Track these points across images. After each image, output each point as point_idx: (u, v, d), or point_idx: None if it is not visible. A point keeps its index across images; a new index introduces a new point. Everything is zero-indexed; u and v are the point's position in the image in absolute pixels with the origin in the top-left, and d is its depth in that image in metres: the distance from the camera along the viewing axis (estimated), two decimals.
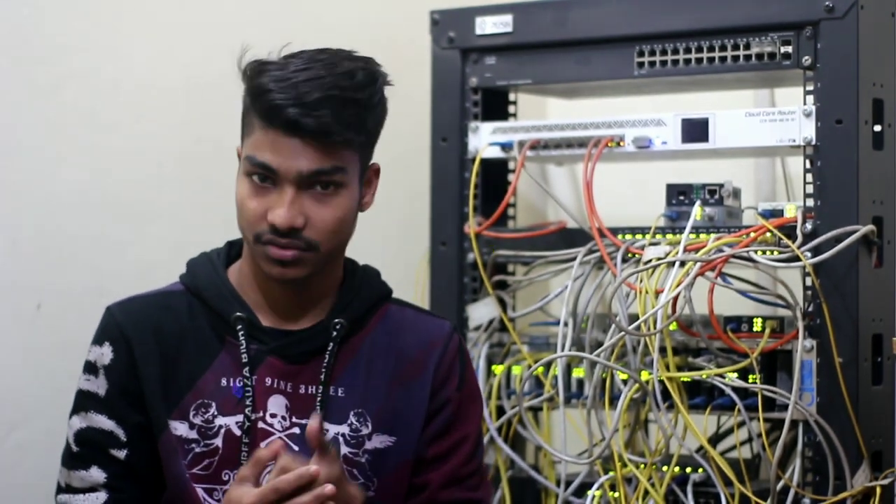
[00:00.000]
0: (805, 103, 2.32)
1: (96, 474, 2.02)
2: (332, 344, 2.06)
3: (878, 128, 2.31)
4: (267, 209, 1.98)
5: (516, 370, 2.56)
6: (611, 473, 2.38)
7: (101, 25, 2.55)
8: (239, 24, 2.74)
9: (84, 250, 2.51)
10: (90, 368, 2.06)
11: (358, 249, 2.15)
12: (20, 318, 2.43)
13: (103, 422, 2.03)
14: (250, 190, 2.00)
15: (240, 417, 2.02)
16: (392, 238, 2.97)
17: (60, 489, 2.05)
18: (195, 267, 2.11)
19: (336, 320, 2.06)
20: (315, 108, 1.95)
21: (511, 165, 2.68)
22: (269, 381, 2.04)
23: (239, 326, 2.04)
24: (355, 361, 2.08)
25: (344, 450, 2.04)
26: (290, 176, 1.97)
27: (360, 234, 2.11)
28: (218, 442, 2.02)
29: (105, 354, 2.05)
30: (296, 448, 2.02)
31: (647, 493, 2.33)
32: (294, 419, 2.04)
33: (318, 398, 2.04)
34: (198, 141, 2.68)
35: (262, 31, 2.30)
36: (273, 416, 2.04)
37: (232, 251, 2.14)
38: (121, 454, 2.03)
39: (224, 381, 2.04)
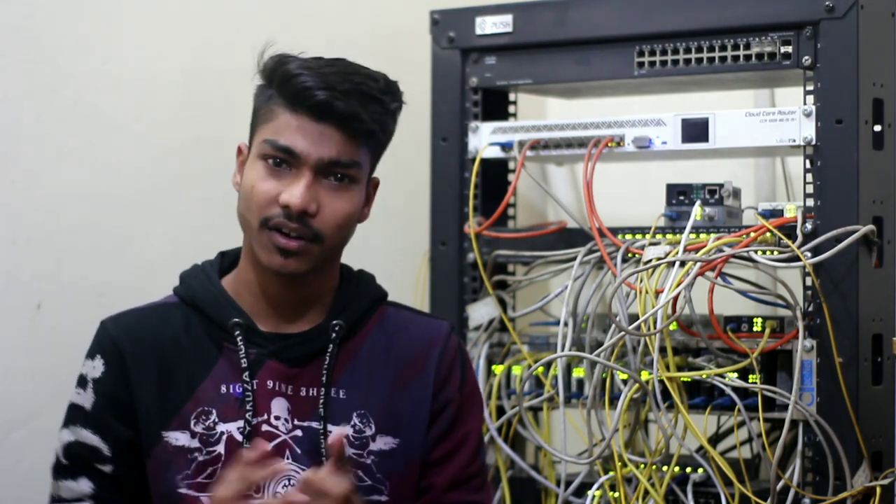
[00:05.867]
0: (805, 103, 2.32)
1: (84, 485, 2.02)
2: (331, 345, 2.05)
3: (878, 128, 2.31)
4: (280, 192, 1.98)
5: (516, 370, 2.55)
6: (611, 473, 2.38)
7: (102, 25, 2.55)
8: (238, 24, 2.75)
9: (84, 250, 2.51)
10: (81, 382, 2.06)
11: (358, 249, 2.15)
12: (20, 318, 2.43)
13: (88, 437, 2.03)
14: (264, 173, 2.00)
15: (241, 423, 2.02)
16: (392, 238, 2.97)
17: (52, 500, 2.06)
18: (189, 278, 2.11)
19: (335, 321, 2.06)
20: (345, 95, 1.97)
21: (511, 165, 2.68)
22: (270, 384, 2.03)
23: (237, 332, 2.03)
24: (355, 363, 2.08)
25: (348, 451, 2.03)
26: (311, 161, 1.98)
27: (361, 233, 2.10)
28: (220, 449, 2.02)
29: (96, 367, 2.04)
30: (298, 450, 2.02)
31: (647, 493, 2.33)
32: (296, 421, 2.04)
33: (321, 400, 2.04)
34: (198, 139, 2.68)
35: (262, 30, 2.30)
36: (277, 418, 2.03)
37: (224, 261, 2.13)
38: (106, 468, 2.02)
39: (224, 388, 2.03)
